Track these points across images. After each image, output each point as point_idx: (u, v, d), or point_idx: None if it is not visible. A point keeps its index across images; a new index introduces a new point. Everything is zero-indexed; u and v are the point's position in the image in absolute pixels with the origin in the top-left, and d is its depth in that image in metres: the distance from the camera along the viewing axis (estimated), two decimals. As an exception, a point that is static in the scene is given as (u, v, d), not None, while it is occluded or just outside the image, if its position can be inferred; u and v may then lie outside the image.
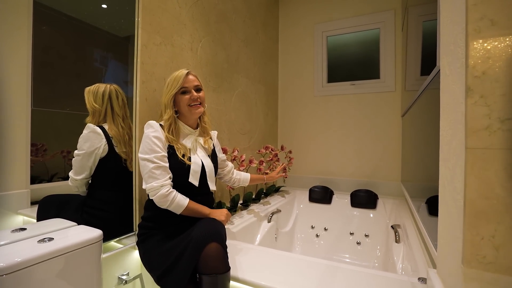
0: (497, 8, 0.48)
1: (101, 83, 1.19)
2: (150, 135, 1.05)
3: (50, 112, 1.07)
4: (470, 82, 0.49)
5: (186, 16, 1.58)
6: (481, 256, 0.47)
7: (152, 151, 1.03)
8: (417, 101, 1.36)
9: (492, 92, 0.47)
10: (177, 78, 1.12)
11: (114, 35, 1.28)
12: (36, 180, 1.02)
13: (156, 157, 1.02)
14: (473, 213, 0.49)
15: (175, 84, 1.11)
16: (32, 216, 1.04)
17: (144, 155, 1.03)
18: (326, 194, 2.43)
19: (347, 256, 2.15)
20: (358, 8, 2.51)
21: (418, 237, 1.41)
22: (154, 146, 1.04)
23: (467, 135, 0.50)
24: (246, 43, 2.26)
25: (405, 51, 2.23)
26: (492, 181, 0.46)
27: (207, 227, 0.99)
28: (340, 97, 2.59)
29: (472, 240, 0.48)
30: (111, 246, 1.20)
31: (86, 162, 1.12)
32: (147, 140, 1.05)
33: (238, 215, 1.78)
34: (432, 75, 0.87)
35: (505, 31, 0.47)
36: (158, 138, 1.05)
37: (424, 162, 1.24)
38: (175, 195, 1.03)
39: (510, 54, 0.47)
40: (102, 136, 1.14)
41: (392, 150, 2.36)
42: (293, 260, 1.18)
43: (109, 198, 1.22)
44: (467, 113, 0.50)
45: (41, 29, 1.03)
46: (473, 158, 0.49)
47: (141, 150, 1.06)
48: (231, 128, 2.04)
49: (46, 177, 1.06)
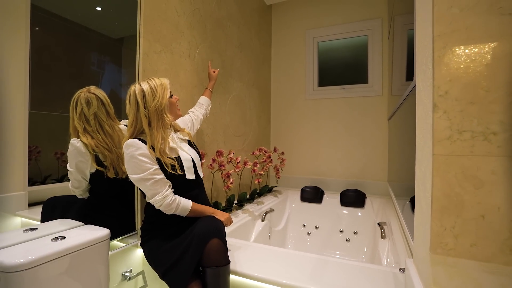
0: (457, 39, 0.58)
1: (97, 86, 1.16)
2: (135, 154, 1.01)
3: (44, 114, 1.07)
4: (436, 100, 0.59)
5: (184, 24, 1.65)
6: (444, 243, 0.57)
7: (143, 170, 1.02)
8: (401, 106, 1.47)
9: (452, 108, 0.58)
10: (165, 84, 1.12)
11: (108, 37, 1.29)
12: (29, 181, 1.02)
13: (150, 173, 1.02)
14: (438, 208, 0.59)
15: (166, 89, 1.12)
16: (31, 217, 1.05)
17: (137, 175, 1.02)
18: (317, 194, 2.54)
19: (337, 252, 2.26)
20: (347, 16, 2.63)
21: (401, 232, 1.52)
22: (143, 163, 1.02)
23: (434, 143, 0.60)
24: (240, 48, 2.34)
25: (391, 58, 2.36)
26: (452, 181, 0.57)
27: (209, 224, 1.06)
28: (330, 100, 2.70)
29: (437, 231, 0.58)
30: (114, 245, 1.26)
31: (78, 177, 1.12)
32: (134, 160, 1.02)
33: (233, 214, 1.86)
34: (410, 87, 0.98)
35: (463, 58, 0.57)
36: (144, 155, 1.02)
37: (408, 163, 1.35)
38: (179, 202, 1.09)
39: (466, 77, 0.57)
40: (87, 153, 1.10)
41: (379, 152, 2.48)
42: (287, 255, 1.28)
43: (110, 203, 1.26)
44: (434, 125, 0.60)
45: (36, 31, 1.02)
46: (438, 163, 0.59)
47: (131, 171, 1.03)
48: (226, 131, 2.12)
49: (39, 179, 1.05)
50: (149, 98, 1.07)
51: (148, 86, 1.09)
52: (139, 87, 1.08)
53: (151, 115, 1.06)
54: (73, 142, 1.08)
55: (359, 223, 2.29)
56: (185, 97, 1.66)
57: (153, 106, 1.07)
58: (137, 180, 1.04)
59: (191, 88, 1.72)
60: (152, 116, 1.07)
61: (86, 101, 1.10)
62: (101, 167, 1.14)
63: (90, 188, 1.18)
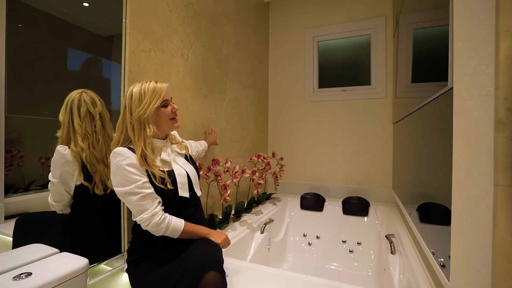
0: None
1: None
2: (122, 164, 0.91)
3: (27, 118, 0.98)
4: (502, 115, 0.46)
5: (176, 20, 1.49)
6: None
7: (130, 182, 0.90)
8: (417, 111, 1.33)
9: (526, 127, 0.44)
10: (158, 90, 0.99)
11: (96, 35, 1.19)
12: (11, 189, 0.93)
13: (137, 186, 0.90)
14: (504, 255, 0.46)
15: (157, 97, 0.98)
16: (6, 233, 0.93)
17: (123, 188, 0.90)
18: (317, 201, 2.41)
19: (340, 264, 2.14)
20: (349, 14, 2.50)
21: (413, 247, 1.41)
22: (131, 175, 0.91)
23: (497, 171, 0.47)
24: (237, 47, 2.19)
25: (396, 58, 2.24)
26: (528, 223, 0.44)
27: (204, 252, 0.92)
28: (331, 102, 2.57)
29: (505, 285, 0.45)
30: (98, 270, 1.11)
31: (61, 190, 1.00)
32: (121, 171, 0.91)
33: (231, 227, 1.72)
34: (440, 92, 0.85)
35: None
36: (132, 165, 0.92)
37: (425, 171, 1.21)
38: (169, 221, 0.95)
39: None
40: (74, 162, 0.99)
41: (383, 157, 2.37)
42: (289, 279, 1.14)
43: (94, 220, 1.12)
44: (497, 147, 0.47)
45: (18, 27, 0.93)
46: (505, 196, 0.45)
47: (117, 183, 0.92)
48: (222, 136, 1.97)
49: (22, 185, 0.96)
50: (134, 103, 0.98)
51: (138, 90, 0.98)
52: (131, 89, 1.00)
53: (134, 123, 0.97)
54: (59, 149, 0.98)
55: (363, 233, 2.17)
56: (178, 100, 1.50)
57: (136, 113, 0.97)
58: (123, 194, 0.91)
59: (184, 90, 1.56)
60: (135, 124, 0.97)
61: (91, 100, 1.05)
62: (87, 181, 1.03)
63: (73, 203, 1.05)
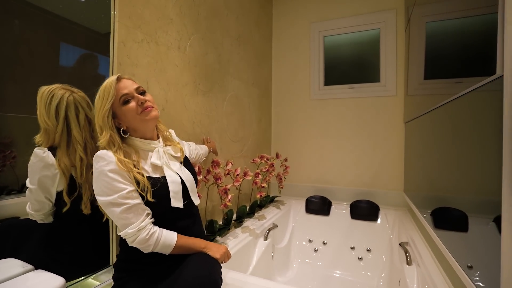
0: None
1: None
2: (105, 171, 0.79)
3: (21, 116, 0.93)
4: None
5: (172, 9, 1.37)
6: None
7: (114, 191, 0.78)
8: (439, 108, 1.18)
9: None
10: (106, 89, 0.84)
11: (94, 31, 1.10)
12: (4, 190, 0.88)
13: (121, 196, 0.78)
14: None
15: (106, 96, 0.84)
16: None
17: (105, 197, 0.78)
18: (324, 204, 2.28)
19: (348, 273, 2.00)
20: (357, 7, 2.37)
21: (432, 256, 1.28)
22: (114, 183, 0.79)
23: None
24: (239, 41, 2.06)
25: (407, 53, 2.11)
26: None
27: (201, 268, 0.80)
28: (338, 100, 2.44)
29: None
30: (84, 286, 0.99)
31: (40, 197, 0.88)
32: (103, 178, 0.79)
33: (232, 234, 1.59)
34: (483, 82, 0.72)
35: None
36: (115, 171, 0.79)
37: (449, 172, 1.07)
38: (158, 235, 0.82)
39: None
40: (55, 167, 0.87)
41: (393, 158, 2.23)
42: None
43: (80, 230, 1.00)
44: None
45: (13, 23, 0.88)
46: None
47: (98, 192, 0.80)
48: (223, 136, 1.84)
49: (16, 187, 0.91)
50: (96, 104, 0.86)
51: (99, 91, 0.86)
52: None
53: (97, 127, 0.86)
54: (37, 151, 0.86)
55: (372, 239, 2.04)
56: (174, 97, 1.37)
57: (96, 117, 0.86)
58: (105, 205, 0.80)
59: (181, 86, 1.43)
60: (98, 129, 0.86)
61: (86, 103, 0.96)
62: (73, 185, 0.92)
63: (55, 211, 0.94)
